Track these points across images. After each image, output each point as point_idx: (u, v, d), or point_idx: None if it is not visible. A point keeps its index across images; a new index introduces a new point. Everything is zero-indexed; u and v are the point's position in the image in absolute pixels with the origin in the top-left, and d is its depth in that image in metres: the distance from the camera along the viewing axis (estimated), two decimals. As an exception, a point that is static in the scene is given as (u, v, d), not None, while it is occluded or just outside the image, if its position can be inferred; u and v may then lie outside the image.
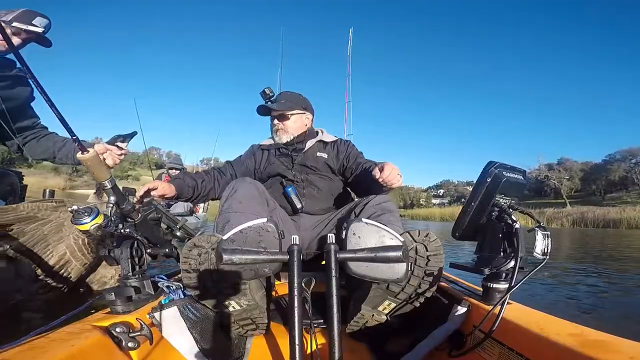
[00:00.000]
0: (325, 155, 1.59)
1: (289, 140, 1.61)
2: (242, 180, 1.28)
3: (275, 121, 1.64)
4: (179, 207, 5.09)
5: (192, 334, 0.83)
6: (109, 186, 0.87)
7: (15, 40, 1.40)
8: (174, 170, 5.12)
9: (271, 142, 1.68)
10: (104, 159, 1.33)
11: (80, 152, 0.80)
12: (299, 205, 1.47)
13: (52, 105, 0.73)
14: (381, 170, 1.22)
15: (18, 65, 1.38)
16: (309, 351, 0.86)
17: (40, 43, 1.50)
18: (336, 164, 1.57)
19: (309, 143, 1.62)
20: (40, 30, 1.43)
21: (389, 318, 0.89)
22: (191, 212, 5.44)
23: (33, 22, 1.41)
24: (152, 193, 1.38)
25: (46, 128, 1.68)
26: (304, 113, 1.66)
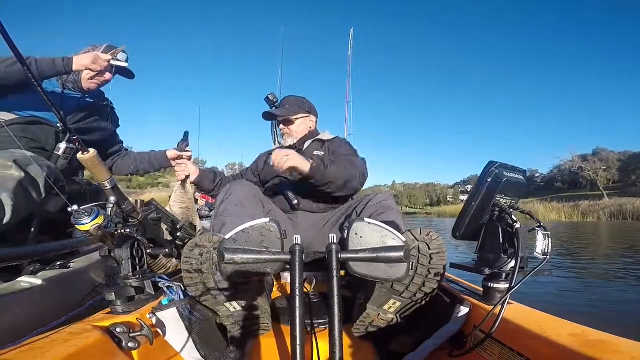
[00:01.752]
0: (322, 154, 1.63)
1: (293, 143, 1.68)
2: (237, 183, 1.30)
3: (282, 126, 1.73)
4: None
5: (191, 335, 0.83)
6: (109, 186, 0.86)
7: (108, 76, 1.58)
8: None
9: (274, 146, 1.76)
10: (178, 163, 1.69)
11: (80, 152, 0.80)
12: (294, 202, 1.50)
13: (52, 104, 0.73)
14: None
15: (107, 96, 1.71)
16: (310, 351, 0.86)
17: (124, 75, 1.64)
18: None
19: (307, 143, 1.68)
20: (125, 64, 1.57)
21: (395, 317, 0.89)
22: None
23: (118, 57, 1.54)
24: (180, 161, 1.68)
25: (127, 149, 1.94)
26: (308, 116, 1.73)
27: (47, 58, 1.36)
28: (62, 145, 1.48)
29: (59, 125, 1.44)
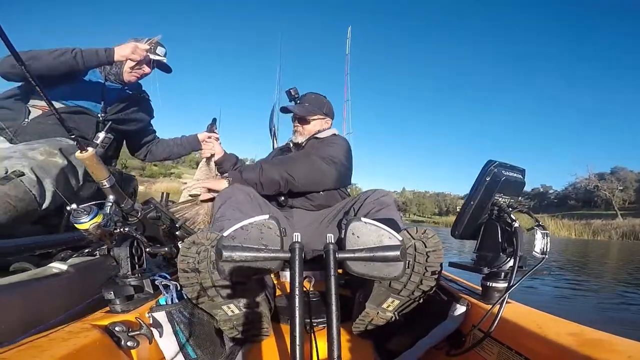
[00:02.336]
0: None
1: (302, 141, 1.68)
2: (235, 187, 1.31)
3: (296, 122, 1.72)
4: None
5: (184, 337, 0.82)
6: (107, 185, 0.86)
7: (147, 69, 1.66)
8: None
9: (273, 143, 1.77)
10: (206, 141, 1.83)
11: (79, 151, 0.80)
12: (281, 199, 1.53)
13: (50, 104, 0.73)
14: None
15: (143, 89, 1.81)
16: (308, 350, 0.86)
17: (162, 69, 1.72)
18: None
19: (306, 140, 1.68)
20: (164, 59, 1.65)
21: (394, 315, 0.89)
22: None
23: (157, 51, 1.62)
24: (208, 140, 1.82)
25: (159, 138, 2.03)
26: (324, 118, 1.72)
27: (91, 49, 1.42)
28: (101, 135, 1.50)
29: (99, 115, 1.56)
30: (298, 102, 1.75)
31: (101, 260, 1.04)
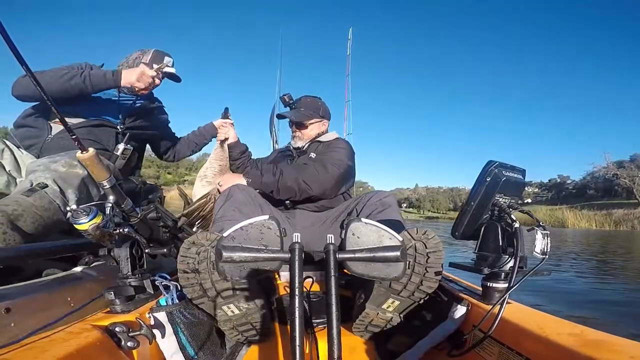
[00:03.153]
0: (314, 155, 1.64)
1: (302, 145, 1.71)
2: (236, 187, 1.31)
3: (294, 128, 1.74)
4: None
5: (184, 337, 0.82)
6: (107, 186, 0.86)
7: (157, 81, 1.71)
8: None
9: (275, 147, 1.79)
10: (222, 125, 1.91)
11: (80, 151, 0.80)
12: (286, 200, 1.53)
13: (52, 104, 0.73)
14: None
15: (156, 97, 1.91)
16: (309, 350, 0.86)
17: (171, 79, 1.78)
18: None
19: (307, 144, 1.70)
20: (173, 70, 1.72)
21: (394, 316, 0.89)
22: None
23: (165, 62, 1.70)
24: (224, 125, 1.90)
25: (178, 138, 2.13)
26: (321, 121, 1.73)
27: (99, 72, 1.49)
28: (121, 146, 1.64)
29: (118, 127, 1.65)
30: (293, 107, 1.76)
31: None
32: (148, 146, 2.00)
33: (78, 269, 1.01)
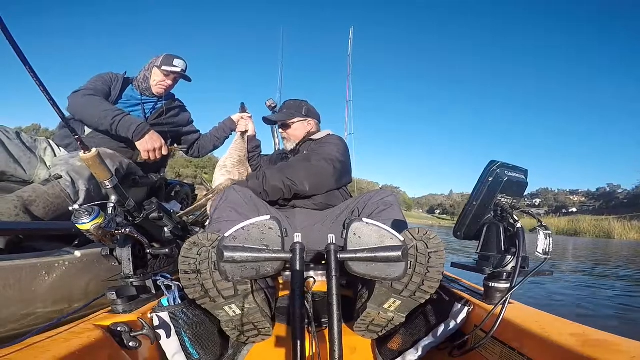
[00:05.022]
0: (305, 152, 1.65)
1: (293, 147, 1.73)
2: (231, 188, 1.31)
3: (281, 130, 1.78)
4: None
5: (186, 338, 0.82)
6: (110, 186, 0.87)
7: (169, 82, 1.90)
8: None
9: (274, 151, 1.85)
10: (242, 118, 2.03)
11: (82, 151, 0.80)
12: (279, 200, 1.54)
13: (54, 104, 0.73)
14: None
15: (177, 97, 2.08)
16: (310, 351, 0.86)
17: (184, 79, 1.95)
18: None
19: (300, 144, 1.71)
20: (178, 69, 1.87)
21: (395, 315, 0.89)
22: None
23: (174, 63, 1.86)
24: (242, 118, 2.00)
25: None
26: (306, 119, 1.74)
27: (127, 122, 1.66)
28: None
29: None
30: (277, 111, 1.83)
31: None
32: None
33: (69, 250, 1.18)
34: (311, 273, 1.15)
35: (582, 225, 27.28)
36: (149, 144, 1.71)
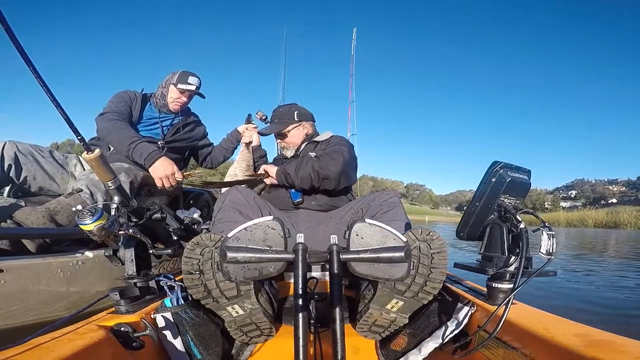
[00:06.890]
0: (313, 154, 1.62)
1: (292, 154, 1.72)
2: (233, 189, 1.31)
3: (278, 139, 1.78)
4: None
5: (189, 338, 0.82)
6: (113, 186, 0.87)
7: (184, 99, 2.00)
8: None
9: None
10: (247, 128, 2.04)
11: (85, 152, 0.81)
12: (297, 200, 1.55)
13: (57, 105, 0.73)
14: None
15: (192, 112, 2.19)
16: (313, 351, 0.86)
17: (199, 95, 2.05)
18: None
19: (302, 146, 1.71)
20: (193, 88, 1.97)
21: (398, 316, 0.89)
22: None
23: (188, 81, 1.95)
24: (247, 130, 2.01)
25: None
26: (300, 124, 1.73)
27: (141, 147, 1.74)
28: None
29: (159, 142, 1.95)
30: (269, 122, 1.83)
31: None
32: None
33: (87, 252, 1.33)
34: (314, 273, 1.15)
35: (622, 216, 26.18)
36: (161, 171, 1.76)
